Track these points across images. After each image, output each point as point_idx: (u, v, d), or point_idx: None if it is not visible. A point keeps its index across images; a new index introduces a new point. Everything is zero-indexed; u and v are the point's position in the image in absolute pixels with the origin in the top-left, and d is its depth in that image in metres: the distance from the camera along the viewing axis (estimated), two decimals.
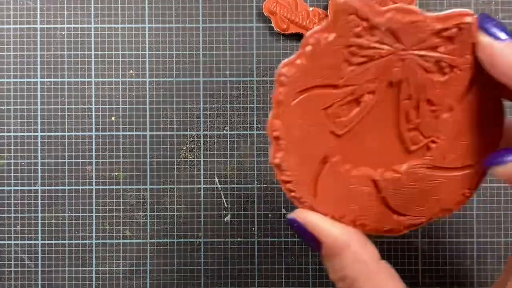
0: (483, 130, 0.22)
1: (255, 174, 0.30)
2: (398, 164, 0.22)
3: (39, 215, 0.30)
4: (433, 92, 0.21)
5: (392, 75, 0.21)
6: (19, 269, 0.30)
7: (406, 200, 0.22)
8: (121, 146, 0.30)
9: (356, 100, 0.21)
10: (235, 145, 0.30)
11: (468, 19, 0.20)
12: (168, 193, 0.30)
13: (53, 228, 0.30)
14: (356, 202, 0.22)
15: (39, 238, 0.30)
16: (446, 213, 0.22)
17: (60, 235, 0.30)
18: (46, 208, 0.30)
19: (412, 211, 0.22)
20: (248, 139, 0.30)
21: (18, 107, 0.30)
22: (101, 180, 0.30)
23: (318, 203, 0.22)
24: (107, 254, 0.30)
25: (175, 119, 0.30)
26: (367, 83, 0.21)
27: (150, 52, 0.30)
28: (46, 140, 0.30)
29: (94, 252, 0.30)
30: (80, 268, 0.30)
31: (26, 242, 0.30)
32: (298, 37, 0.30)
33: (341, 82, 0.21)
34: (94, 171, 0.30)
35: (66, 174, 0.30)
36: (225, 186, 0.30)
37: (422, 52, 0.21)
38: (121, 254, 0.30)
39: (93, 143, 0.30)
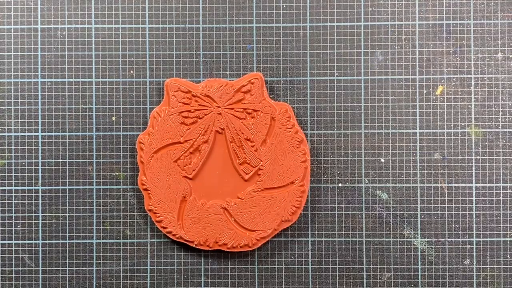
0: (292, 151, 0.29)
1: None
2: (239, 191, 0.29)
3: (40, 215, 0.30)
4: (248, 132, 0.29)
5: (217, 126, 0.29)
6: (20, 268, 0.30)
7: (252, 219, 0.29)
8: (121, 146, 0.30)
9: (197, 149, 0.29)
10: None
11: (256, 76, 0.29)
12: None
13: (53, 228, 0.30)
14: (214, 227, 0.29)
15: (40, 237, 0.30)
16: (287, 224, 0.29)
17: (60, 235, 0.30)
18: (47, 208, 0.30)
19: (259, 226, 0.29)
20: None
21: (19, 107, 0.30)
22: (101, 180, 0.30)
23: (186, 233, 0.29)
24: (107, 254, 0.30)
25: None
26: (201, 136, 0.29)
27: (150, 52, 0.30)
28: (46, 140, 0.30)
29: (94, 252, 0.30)
30: (81, 268, 0.30)
31: (26, 241, 0.30)
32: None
33: (182, 139, 0.29)
34: (94, 171, 0.30)
35: (67, 174, 0.30)
36: None
37: (233, 106, 0.29)
38: (121, 254, 0.30)
39: (94, 143, 0.30)
